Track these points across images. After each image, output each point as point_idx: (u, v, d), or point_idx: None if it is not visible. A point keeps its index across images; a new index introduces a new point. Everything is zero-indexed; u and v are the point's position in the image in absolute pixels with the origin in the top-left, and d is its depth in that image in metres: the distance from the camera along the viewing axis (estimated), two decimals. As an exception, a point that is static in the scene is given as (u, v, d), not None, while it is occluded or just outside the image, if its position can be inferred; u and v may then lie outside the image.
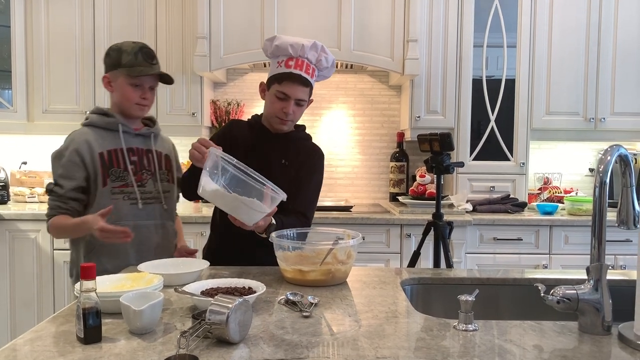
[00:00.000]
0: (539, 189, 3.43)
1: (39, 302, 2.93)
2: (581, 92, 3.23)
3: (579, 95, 3.23)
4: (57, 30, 3.17)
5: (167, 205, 1.88)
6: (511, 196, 3.19)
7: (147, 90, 1.80)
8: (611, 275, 1.43)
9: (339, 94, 3.59)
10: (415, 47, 3.02)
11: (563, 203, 3.22)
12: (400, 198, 3.23)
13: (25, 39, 3.18)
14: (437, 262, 2.18)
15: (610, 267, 2.88)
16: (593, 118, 3.24)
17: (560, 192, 3.36)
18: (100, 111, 1.82)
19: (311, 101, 1.82)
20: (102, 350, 0.99)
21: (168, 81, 1.84)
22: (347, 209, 3.08)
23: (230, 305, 1.00)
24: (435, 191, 2.17)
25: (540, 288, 1.16)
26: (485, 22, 3.19)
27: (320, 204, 3.15)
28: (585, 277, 1.13)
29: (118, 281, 1.32)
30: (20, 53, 3.17)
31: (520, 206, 3.12)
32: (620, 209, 1.15)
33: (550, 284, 1.22)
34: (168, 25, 3.17)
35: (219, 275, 1.56)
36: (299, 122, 1.87)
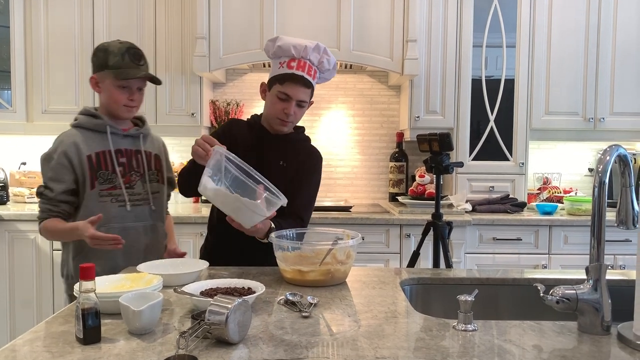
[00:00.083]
0: (539, 189, 3.43)
1: (38, 303, 2.92)
2: (580, 92, 3.24)
3: (578, 96, 3.24)
4: (57, 31, 3.16)
5: (156, 206, 1.86)
6: (510, 196, 3.19)
7: (135, 92, 1.77)
8: (610, 275, 1.43)
9: (338, 94, 3.59)
10: (414, 47, 3.02)
11: (562, 203, 3.22)
12: (399, 198, 3.23)
13: (24, 39, 3.18)
14: (437, 262, 2.18)
15: (610, 267, 2.88)
16: (592, 118, 3.24)
17: (560, 192, 3.36)
18: (88, 112, 1.80)
19: (311, 103, 1.82)
20: (102, 350, 0.99)
21: (156, 82, 1.81)
22: (347, 209, 3.08)
23: (230, 306, 1.00)
24: (434, 191, 2.18)
25: (539, 288, 1.16)
26: (485, 22, 3.19)
27: (319, 204, 3.18)
28: (584, 277, 1.13)
29: (117, 281, 1.32)
30: (20, 53, 3.17)
31: (520, 206, 3.12)
32: (619, 209, 1.15)
33: (550, 284, 1.22)
34: (167, 25, 3.17)
35: (218, 275, 1.56)
36: (299, 124, 1.87)
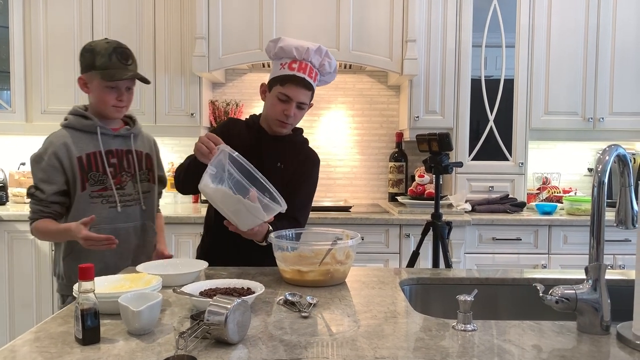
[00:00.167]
0: (538, 189, 3.43)
1: (38, 303, 2.92)
2: (580, 92, 3.24)
3: (578, 95, 3.24)
4: (56, 31, 3.16)
5: (146, 206, 1.86)
6: (510, 196, 3.19)
7: (124, 92, 1.75)
8: (610, 275, 1.43)
9: (337, 94, 3.59)
10: (413, 47, 3.02)
11: (562, 203, 3.22)
12: (399, 198, 3.23)
13: (23, 39, 3.18)
14: (436, 262, 2.19)
15: (609, 267, 2.89)
16: (592, 118, 3.24)
17: (559, 192, 3.36)
18: (78, 112, 1.78)
19: (311, 105, 1.81)
20: (101, 351, 0.98)
21: (144, 81, 1.78)
22: (346, 209, 3.08)
23: (229, 306, 1.00)
24: (434, 191, 2.17)
25: (539, 288, 1.16)
26: (484, 22, 3.19)
27: (319, 204, 3.18)
28: (584, 277, 1.13)
29: (117, 282, 1.33)
30: (19, 54, 3.17)
31: (519, 206, 3.13)
32: (618, 209, 1.15)
33: (549, 284, 1.22)
34: (166, 25, 3.17)
35: (217, 275, 1.56)
36: (297, 125, 1.86)
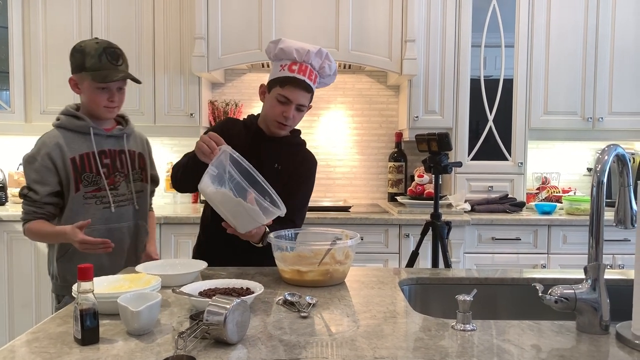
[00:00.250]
0: (537, 189, 3.43)
1: (37, 303, 2.92)
2: (579, 92, 3.24)
3: (577, 95, 3.24)
4: (55, 31, 3.16)
5: (139, 206, 1.87)
6: (509, 196, 3.19)
7: (115, 92, 1.75)
8: (609, 274, 1.43)
9: (337, 94, 3.59)
10: (413, 47, 3.02)
11: (561, 203, 3.22)
12: (398, 198, 3.23)
13: (22, 40, 3.18)
14: (436, 262, 2.18)
15: (609, 267, 2.89)
16: (591, 118, 3.24)
17: (559, 192, 3.36)
18: (70, 113, 1.77)
19: (310, 107, 1.81)
20: (100, 351, 0.98)
21: (135, 81, 1.77)
22: (346, 209, 3.08)
23: (228, 306, 1.00)
24: (433, 191, 2.17)
25: (538, 288, 1.16)
26: (483, 22, 3.19)
27: (318, 204, 3.18)
28: (583, 277, 1.13)
29: (116, 282, 1.33)
30: (18, 54, 3.17)
31: (519, 206, 3.13)
32: (618, 208, 1.15)
33: (549, 284, 1.22)
34: (166, 25, 3.17)
35: (216, 276, 1.56)
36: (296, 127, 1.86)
